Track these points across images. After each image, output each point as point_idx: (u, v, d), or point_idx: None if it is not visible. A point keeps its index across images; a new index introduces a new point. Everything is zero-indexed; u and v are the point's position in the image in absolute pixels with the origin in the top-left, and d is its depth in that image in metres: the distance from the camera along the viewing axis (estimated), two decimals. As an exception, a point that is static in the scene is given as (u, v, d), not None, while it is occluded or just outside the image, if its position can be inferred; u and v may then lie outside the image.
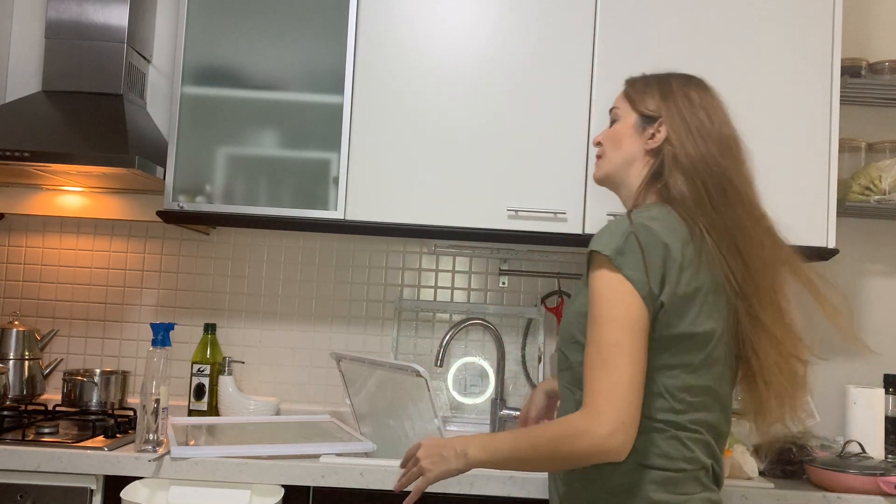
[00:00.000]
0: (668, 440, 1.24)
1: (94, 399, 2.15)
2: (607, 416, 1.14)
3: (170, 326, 1.79)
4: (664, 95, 1.34)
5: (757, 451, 1.85)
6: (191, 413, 2.20)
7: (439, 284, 2.37)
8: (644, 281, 1.19)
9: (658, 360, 1.23)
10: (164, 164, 2.04)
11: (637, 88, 1.39)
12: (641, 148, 1.34)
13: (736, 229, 1.28)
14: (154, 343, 1.77)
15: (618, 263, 1.19)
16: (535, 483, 1.70)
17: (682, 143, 1.30)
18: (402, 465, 1.34)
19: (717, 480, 1.32)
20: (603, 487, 1.27)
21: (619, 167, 1.37)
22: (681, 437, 1.25)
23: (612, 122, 1.41)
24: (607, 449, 1.14)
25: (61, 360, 2.32)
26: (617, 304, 1.19)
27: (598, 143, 1.42)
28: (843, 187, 2.20)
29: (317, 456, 1.75)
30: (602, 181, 1.42)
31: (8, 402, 2.11)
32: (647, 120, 1.34)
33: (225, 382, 2.20)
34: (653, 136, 1.33)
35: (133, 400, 2.31)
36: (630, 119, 1.36)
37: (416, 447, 1.31)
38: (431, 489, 1.69)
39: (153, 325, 1.78)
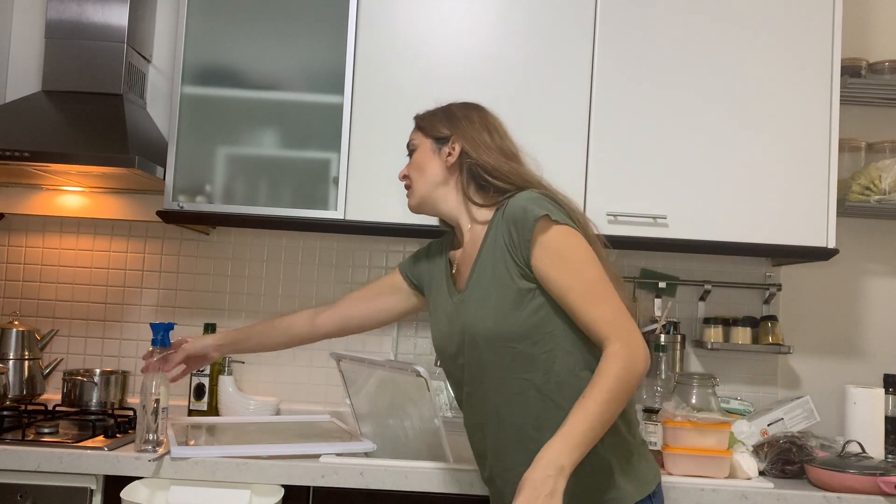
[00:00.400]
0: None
1: (94, 399, 2.15)
2: (633, 334, 1.28)
3: (169, 326, 1.79)
4: (450, 118, 1.50)
5: (757, 451, 1.85)
6: (191, 413, 2.20)
7: (439, 284, 2.36)
8: (576, 225, 1.35)
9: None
10: (164, 164, 2.04)
11: (426, 119, 1.54)
12: (443, 167, 1.49)
13: None
14: (154, 343, 1.76)
15: (556, 217, 1.33)
16: (535, 483, 1.69)
17: (477, 154, 1.46)
18: None
19: None
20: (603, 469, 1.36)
21: (429, 190, 1.50)
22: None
23: (410, 154, 1.55)
24: (640, 363, 1.27)
25: (61, 360, 2.32)
26: (578, 247, 1.34)
27: (405, 177, 1.55)
28: (843, 187, 2.20)
29: (317, 456, 1.75)
30: (418, 208, 1.54)
31: (8, 402, 2.10)
32: (441, 141, 1.49)
33: (225, 382, 2.20)
34: (450, 153, 1.48)
35: (133, 400, 2.31)
36: (426, 145, 1.51)
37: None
38: (432, 489, 1.69)
39: (153, 325, 1.77)
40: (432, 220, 2.00)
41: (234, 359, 2.31)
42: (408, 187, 1.55)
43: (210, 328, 2.25)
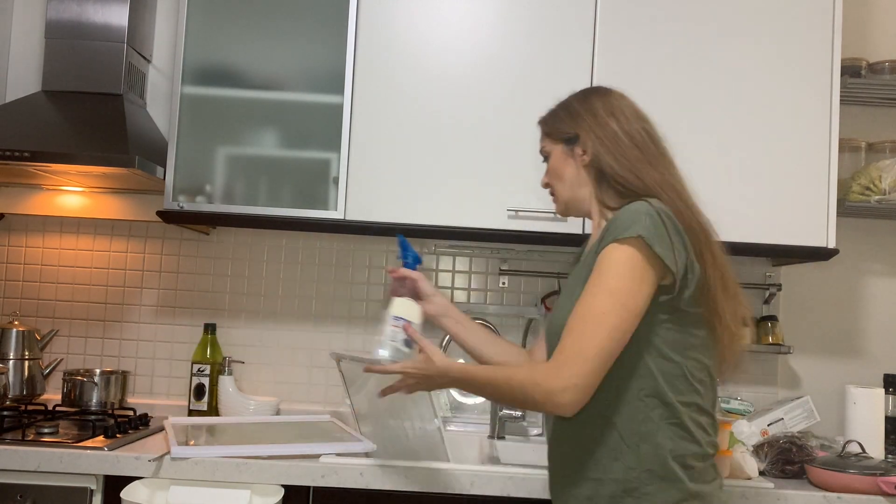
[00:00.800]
0: (694, 425, 1.31)
1: (94, 399, 2.15)
2: (564, 374, 1.23)
3: (417, 261, 1.60)
4: (572, 115, 1.44)
5: (757, 451, 1.85)
6: (191, 413, 2.20)
7: (439, 284, 2.37)
8: (672, 258, 1.26)
9: (686, 339, 1.31)
10: (164, 164, 2.04)
11: (548, 123, 1.49)
12: (578, 168, 1.43)
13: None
14: (406, 264, 1.60)
15: (649, 241, 1.25)
16: (535, 483, 1.70)
17: (606, 150, 1.38)
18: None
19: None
20: (637, 474, 1.30)
21: (573, 193, 1.45)
22: (702, 422, 1.33)
23: (545, 160, 1.51)
24: (556, 402, 1.24)
25: (61, 360, 2.32)
26: (617, 270, 1.26)
27: (546, 185, 1.51)
28: (843, 187, 2.20)
29: (317, 456, 1.75)
30: (565, 212, 1.50)
31: (8, 402, 2.11)
32: (570, 142, 1.43)
33: (225, 382, 2.20)
34: (583, 152, 1.42)
35: (133, 400, 2.31)
36: (557, 150, 1.46)
37: (401, 368, 1.41)
38: (432, 489, 1.69)
39: (403, 241, 1.61)
40: (433, 221, 2.01)
41: (234, 359, 2.31)
42: (552, 193, 1.50)
43: (210, 328, 2.25)
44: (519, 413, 2.19)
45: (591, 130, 1.40)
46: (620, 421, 1.31)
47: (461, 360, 1.60)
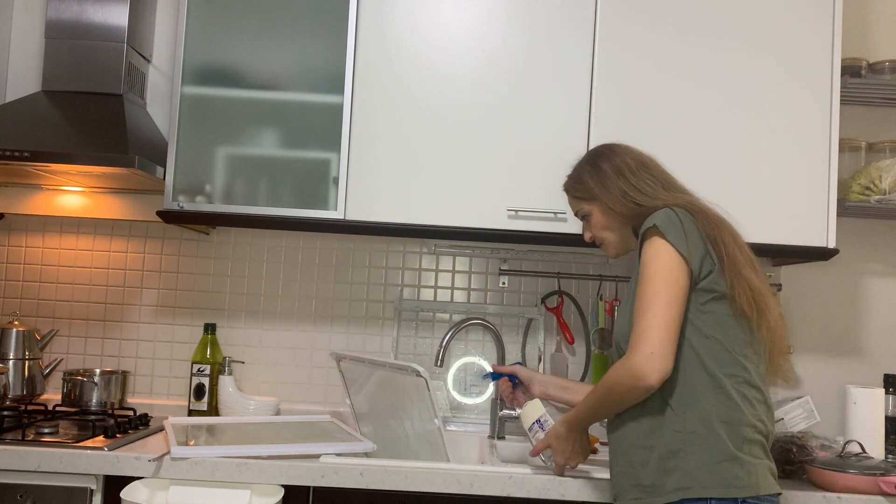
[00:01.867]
0: (740, 396, 1.44)
1: (94, 399, 2.15)
2: (641, 350, 1.39)
3: (512, 378, 1.89)
4: (595, 180, 1.64)
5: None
6: (191, 413, 2.20)
7: (439, 284, 2.37)
8: (684, 246, 1.44)
9: (723, 319, 1.46)
10: (164, 164, 2.04)
11: (577, 189, 1.69)
12: (617, 218, 1.63)
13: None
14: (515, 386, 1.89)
15: (662, 230, 1.45)
16: (535, 483, 1.70)
17: (626, 200, 1.60)
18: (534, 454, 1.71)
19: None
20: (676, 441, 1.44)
21: (619, 238, 1.66)
22: (749, 395, 1.45)
23: (584, 218, 1.70)
24: (642, 375, 1.38)
25: (61, 360, 2.32)
26: (658, 260, 1.44)
27: (592, 238, 1.71)
28: (843, 187, 2.20)
29: (317, 456, 1.75)
30: (619, 255, 1.70)
31: (8, 402, 2.11)
32: (602, 200, 1.64)
33: (225, 382, 2.20)
34: (611, 206, 1.62)
35: (133, 400, 2.31)
36: (595, 208, 1.66)
37: (545, 446, 1.68)
38: (432, 489, 1.69)
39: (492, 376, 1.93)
40: (433, 221, 2.01)
41: (234, 359, 2.31)
42: (599, 244, 1.70)
43: (210, 328, 2.25)
44: (519, 413, 2.18)
45: (613, 187, 1.61)
46: (669, 393, 1.45)
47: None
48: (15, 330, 2.17)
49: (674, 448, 1.43)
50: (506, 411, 2.20)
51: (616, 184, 1.60)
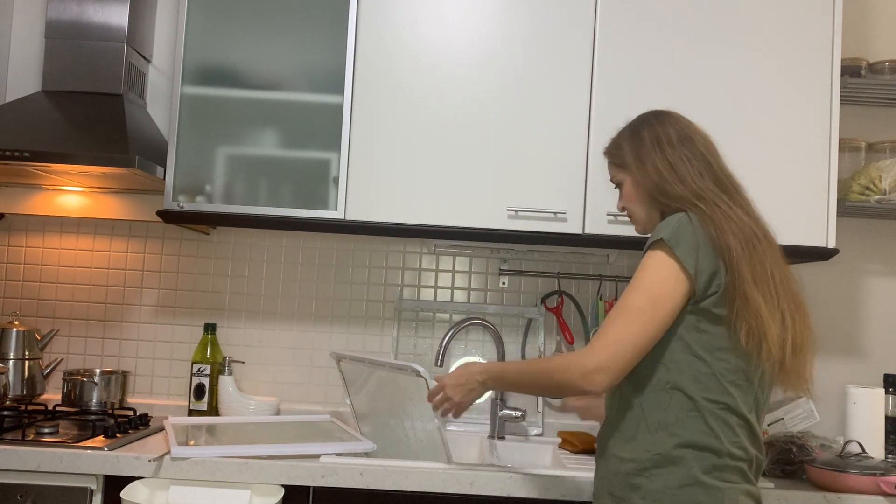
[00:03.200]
0: (718, 423, 1.37)
1: (94, 399, 2.15)
2: (597, 356, 1.34)
3: None
4: (632, 147, 1.53)
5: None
6: (191, 413, 2.20)
7: (439, 284, 2.37)
8: (692, 262, 1.35)
9: (717, 341, 1.37)
10: (164, 164, 2.04)
11: (615, 154, 1.58)
12: (650, 191, 1.50)
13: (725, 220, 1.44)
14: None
15: (669, 243, 1.37)
16: (534, 483, 1.70)
17: (656, 177, 1.49)
18: (430, 399, 1.62)
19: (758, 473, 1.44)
20: (649, 461, 1.39)
21: (647, 216, 1.54)
22: (730, 421, 1.38)
23: (618, 186, 1.59)
24: (590, 380, 1.34)
25: (61, 360, 2.32)
26: (648, 272, 1.38)
27: (623, 209, 1.59)
28: (843, 187, 2.20)
29: (317, 456, 1.76)
30: (645, 231, 1.57)
31: (8, 402, 2.11)
32: (635, 171, 1.53)
33: (225, 382, 2.20)
34: (645, 179, 1.51)
35: (133, 400, 2.31)
36: (628, 178, 1.54)
37: (441, 385, 1.58)
38: (432, 489, 1.69)
39: None
40: (433, 221, 2.01)
41: (234, 359, 2.31)
42: (629, 216, 1.59)
43: (210, 328, 2.25)
44: (519, 413, 2.19)
45: (642, 161, 1.50)
46: (646, 408, 1.41)
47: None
48: (15, 330, 2.17)
49: (641, 466, 1.39)
50: (506, 411, 2.20)
51: (651, 156, 1.49)
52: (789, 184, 2.01)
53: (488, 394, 2.32)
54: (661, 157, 1.48)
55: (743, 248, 1.37)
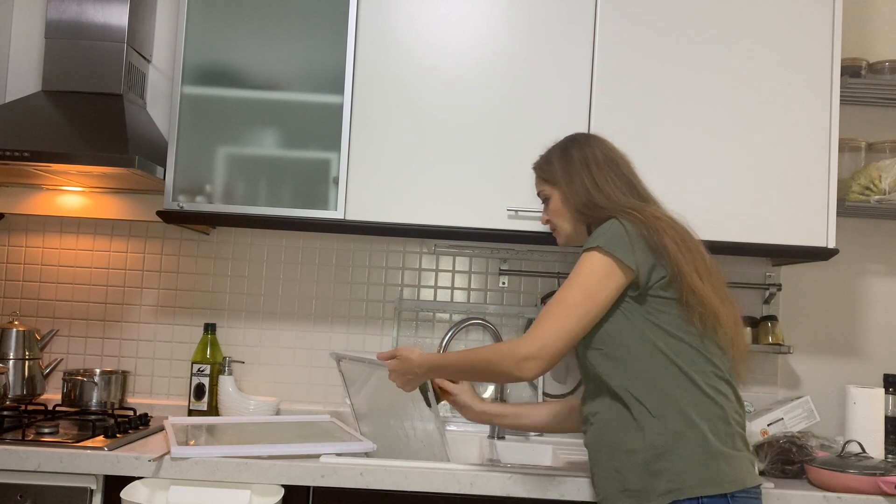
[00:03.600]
0: (713, 391, 1.46)
1: (94, 399, 2.15)
2: (529, 346, 1.43)
3: None
4: (562, 164, 1.66)
5: (757, 451, 1.85)
6: (191, 413, 2.20)
7: (439, 284, 2.37)
8: (631, 259, 1.45)
9: (682, 321, 1.47)
10: (164, 164, 2.04)
11: (544, 169, 1.71)
12: (574, 207, 1.64)
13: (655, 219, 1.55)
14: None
15: (602, 245, 1.47)
16: (535, 483, 1.70)
17: (583, 193, 1.61)
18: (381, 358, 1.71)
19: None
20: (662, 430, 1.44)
21: (573, 229, 1.67)
22: (721, 388, 1.47)
23: (545, 201, 1.72)
24: (522, 367, 1.44)
25: (61, 360, 2.32)
26: (585, 270, 1.47)
27: (548, 221, 1.72)
28: (843, 187, 2.20)
29: (317, 456, 1.75)
30: (568, 244, 1.71)
31: (8, 402, 2.11)
32: (563, 187, 1.65)
33: (225, 382, 2.20)
34: (573, 195, 1.63)
35: (133, 400, 2.31)
36: (555, 193, 1.67)
37: (392, 361, 1.66)
38: (432, 489, 1.69)
39: None
40: (433, 221, 2.01)
41: (234, 359, 2.31)
42: (553, 230, 1.72)
43: (210, 328, 2.25)
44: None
45: (572, 178, 1.63)
46: (641, 395, 1.46)
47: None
48: (15, 330, 2.17)
49: (659, 450, 1.43)
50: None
51: (579, 174, 1.61)
52: (789, 184, 2.01)
53: (488, 394, 2.32)
54: (588, 176, 1.61)
55: (678, 244, 1.48)
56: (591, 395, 1.57)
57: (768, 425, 1.99)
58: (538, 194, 1.73)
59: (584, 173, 1.61)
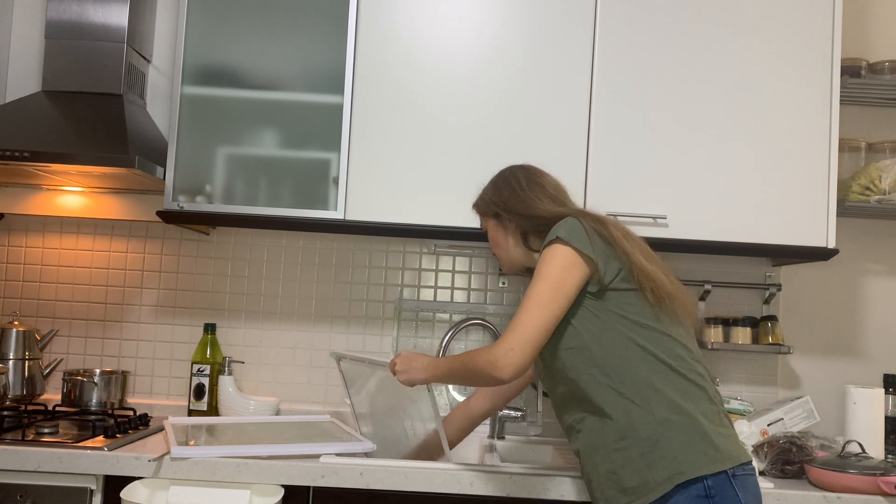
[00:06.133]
0: (692, 373, 1.49)
1: (94, 399, 2.15)
2: (505, 343, 1.46)
3: None
4: (492, 196, 1.74)
5: (757, 451, 1.85)
6: (191, 413, 2.20)
7: (439, 284, 2.37)
8: (590, 249, 1.50)
9: (648, 308, 1.52)
10: (164, 164, 2.04)
11: (479, 206, 1.79)
12: (509, 235, 1.72)
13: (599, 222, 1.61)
14: None
15: (563, 236, 1.52)
16: (535, 483, 1.70)
17: (519, 215, 1.68)
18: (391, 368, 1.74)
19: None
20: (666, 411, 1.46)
21: (513, 255, 1.73)
22: (698, 369, 1.51)
23: (487, 233, 1.78)
24: (497, 365, 1.45)
25: (61, 360, 2.32)
26: (551, 262, 1.50)
27: (493, 252, 1.79)
28: (843, 187, 2.20)
29: (317, 456, 1.75)
30: (512, 271, 1.78)
31: (8, 402, 2.11)
32: (497, 217, 1.73)
33: (225, 382, 2.20)
34: (507, 223, 1.71)
35: (133, 400, 2.31)
36: (491, 224, 1.75)
37: (396, 358, 1.70)
38: (432, 489, 1.69)
39: None
40: (433, 221, 2.01)
41: (234, 359, 2.31)
42: (499, 258, 1.78)
43: (210, 328, 2.25)
44: (519, 413, 2.19)
45: (504, 205, 1.70)
46: (623, 389, 1.47)
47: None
48: (15, 330, 2.17)
49: (652, 440, 1.43)
50: (505, 411, 2.20)
51: (509, 200, 1.69)
52: (789, 184, 2.01)
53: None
54: (515, 198, 1.68)
55: (622, 234, 1.55)
56: (570, 402, 1.56)
57: (768, 425, 2.00)
58: (480, 227, 1.81)
59: (512, 198, 1.69)
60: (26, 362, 2.17)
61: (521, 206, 1.67)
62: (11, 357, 2.15)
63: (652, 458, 1.43)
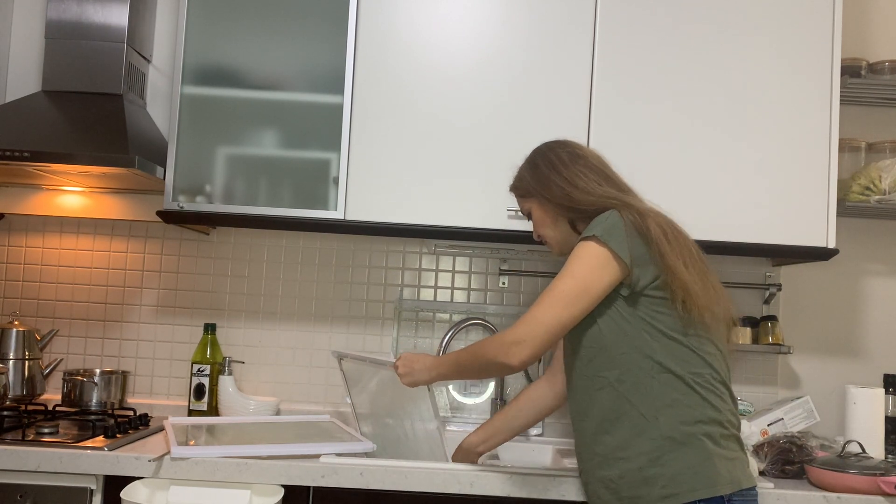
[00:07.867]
0: (710, 394, 1.45)
1: (94, 399, 2.15)
2: (519, 332, 1.43)
3: None
4: (532, 177, 1.66)
5: (757, 452, 1.85)
6: (191, 413, 2.20)
7: (439, 284, 2.37)
8: (625, 252, 1.44)
9: (679, 321, 1.46)
10: (164, 164, 2.04)
11: (520, 187, 1.70)
12: (558, 215, 1.63)
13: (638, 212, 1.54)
14: None
15: (598, 234, 1.46)
16: (535, 483, 1.70)
17: (564, 191, 1.60)
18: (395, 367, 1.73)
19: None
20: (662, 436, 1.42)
21: (564, 238, 1.65)
22: (717, 390, 1.46)
23: (529, 216, 1.71)
24: (508, 353, 1.44)
25: (61, 360, 2.32)
26: (579, 259, 1.45)
27: (539, 235, 1.70)
28: (843, 187, 2.20)
29: (317, 456, 1.75)
30: (562, 253, 1.66)
31: (8, 402, 2.11)
32: (543, 197, 1.64)
33: (225, 382, 2.20)
34: (551, 200, 1.62)
35: (133, 400, 2.31)
36: (536, 206, 1.67)
37: (397, 361, 1.70)
38: (432, 489, 1.69)
39: None
40: (433, 221, 2.01)
41: (234, 359, 2.31)
42: (545, 242, 1.70)
43: (210, 328, 2.25)
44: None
45: (545, 186, 1.62)
46: (638, 399, 1.44)
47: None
48: (15, 330, 2.17)
49: (652, 456, 1.41)
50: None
51: (549, 177, 1.61)
52: (789, 184, 2.01)
53: (488, 394, 2.32)
54: (558, 177, 1.60)
55: (665, 235, 1.47)
56: (581, 400, 1.54)
57: (768, 425, 2.00)
58: (522, 213, 1.73)
59: (554, 176, 1.61)
60: (26, 362, 2.17)
61: (564, 188, 1.58)
62: (11, 357, 2.15)
63: (649, 474, 1.41)
